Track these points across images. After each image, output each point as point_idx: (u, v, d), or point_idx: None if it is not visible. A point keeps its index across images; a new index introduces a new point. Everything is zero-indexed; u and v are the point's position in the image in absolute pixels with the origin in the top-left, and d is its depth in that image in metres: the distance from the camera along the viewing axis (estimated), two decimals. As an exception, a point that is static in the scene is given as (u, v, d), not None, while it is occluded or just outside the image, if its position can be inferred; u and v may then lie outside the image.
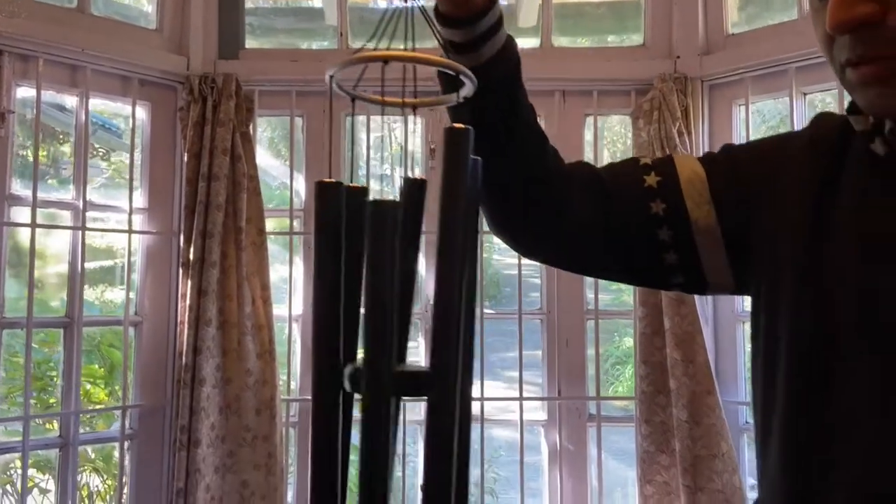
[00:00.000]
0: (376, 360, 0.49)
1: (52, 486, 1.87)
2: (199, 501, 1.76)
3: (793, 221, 0.61)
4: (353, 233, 0.53)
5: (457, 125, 0.46)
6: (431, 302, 0.53)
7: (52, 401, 1.90)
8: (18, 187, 1.72)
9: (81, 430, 1.83)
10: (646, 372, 1.82)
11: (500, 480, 4.28)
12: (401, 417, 0.55)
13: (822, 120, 0.66)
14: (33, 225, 1.69)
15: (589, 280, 2.01)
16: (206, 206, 1.83)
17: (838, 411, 0.54)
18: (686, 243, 0.67)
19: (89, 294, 2.66)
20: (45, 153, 2.58)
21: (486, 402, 1.96)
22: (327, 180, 0.52)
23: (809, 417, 0.56)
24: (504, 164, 0.65)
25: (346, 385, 0.53)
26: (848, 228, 0.57)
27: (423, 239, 0.55)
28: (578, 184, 0.70)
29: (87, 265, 1.81)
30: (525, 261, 2.09)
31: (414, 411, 1.96)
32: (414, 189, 0.54)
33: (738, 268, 0.67)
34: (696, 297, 1.76)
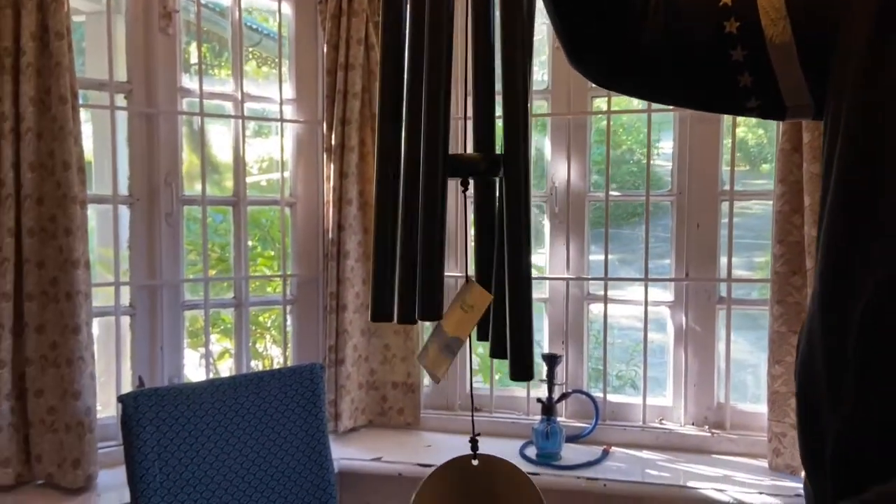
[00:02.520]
0: (431, 143, 0.58)
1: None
2: (348, 358, 2.01)
3: (862, 33, 0.58)
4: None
5: None
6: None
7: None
8: (187, 81, 1.97)
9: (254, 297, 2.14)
10: (781, 251, 1.74)
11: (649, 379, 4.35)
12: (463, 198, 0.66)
13: None
14: (202, 114, 1.94)
15: (726, 158, 1.93)
16: (345, 95, 1.97)
17: (878, 215, 0.53)
18: (761, 63, 0.66)
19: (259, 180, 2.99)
20: (209, 52, 2.86)
21: (610, 283, 1.99)
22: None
23: (853, 216, 0.56)
24: None
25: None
26: None
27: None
28: (653, 7, 0.70)
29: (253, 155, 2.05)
30: (655, 142, 2.04)
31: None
32: None
33: (816, 89, 0.66)
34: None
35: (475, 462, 0.67)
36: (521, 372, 0.62)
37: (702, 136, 1.93)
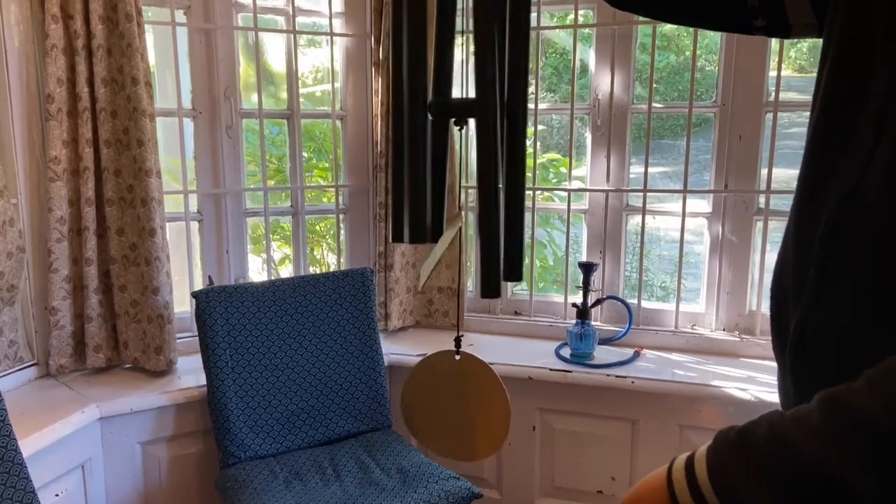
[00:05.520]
0: (412, 91, 0.68)
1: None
2: (396, 264, 2.15)
3: None
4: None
5: None
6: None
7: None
8: (242, -3, 2.04)
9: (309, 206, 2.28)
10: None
11: (686, 289, 4.40)
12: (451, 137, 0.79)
13: None
14: (256, 28, 2.02)
15: (771, 72, 1.91)
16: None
17: (852, 134, 0.59)
18: None
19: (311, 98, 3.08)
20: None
21: (648, 194, 2.04)
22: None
23: (829, 132, 0.62)
24: None
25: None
26: None
27: None
28: None
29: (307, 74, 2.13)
30: (700, 50, 2.02)
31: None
32: None
33: (819, 7, 0.70)
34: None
35: (457, 357, 0.80)
36: (488, 291, 0.73)
37: (748, 47, 1.90)
